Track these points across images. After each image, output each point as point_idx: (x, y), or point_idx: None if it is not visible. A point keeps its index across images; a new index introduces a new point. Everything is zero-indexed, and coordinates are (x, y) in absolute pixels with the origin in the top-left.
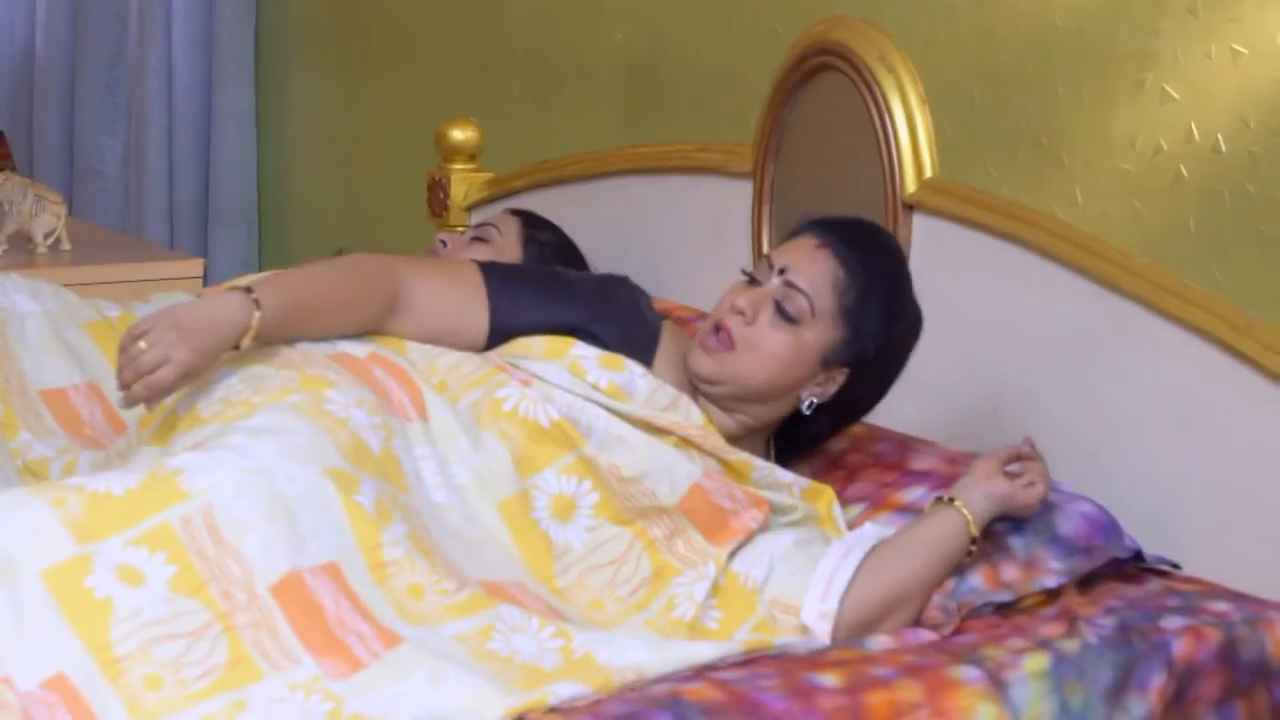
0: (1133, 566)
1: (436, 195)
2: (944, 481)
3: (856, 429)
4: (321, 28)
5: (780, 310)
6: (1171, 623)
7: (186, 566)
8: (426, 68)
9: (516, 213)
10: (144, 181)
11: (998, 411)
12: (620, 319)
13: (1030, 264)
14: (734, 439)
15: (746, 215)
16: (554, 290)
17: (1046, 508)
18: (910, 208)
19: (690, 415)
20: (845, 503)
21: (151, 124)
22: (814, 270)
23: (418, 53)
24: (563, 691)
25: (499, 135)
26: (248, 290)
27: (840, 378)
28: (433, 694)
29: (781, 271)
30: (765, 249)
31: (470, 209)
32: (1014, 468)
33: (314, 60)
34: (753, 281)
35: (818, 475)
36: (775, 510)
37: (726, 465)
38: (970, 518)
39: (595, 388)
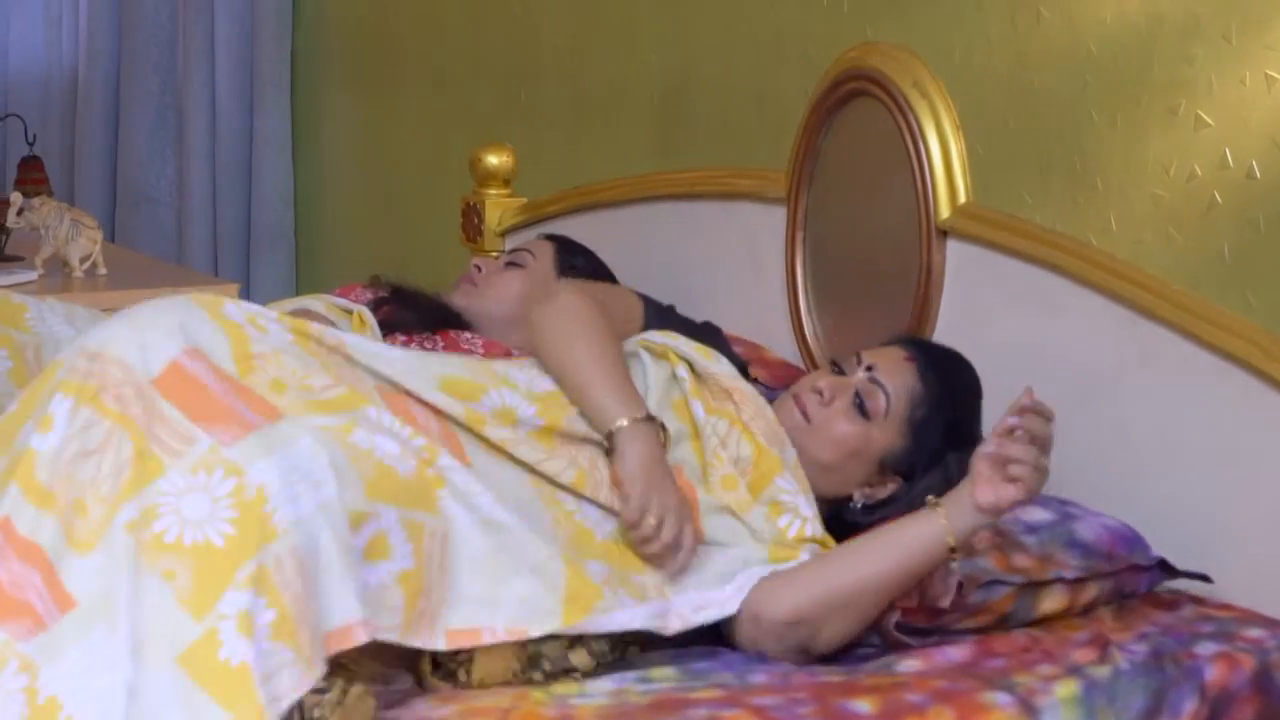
0: (1164, 587)
1: (471, 220)
2: None
3: None
4: (355, 52)
5: (858, 402)
6: (1205, 649)
7: (79, 388)
8: (460, 92)
9: (551, 238)
10: (190, 206)
11: None
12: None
13: (1064, 290)
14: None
15: (780, 241)
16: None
17: (1065, 517)
18: (944, 233)
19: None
20: None
21: (195, 149)
22: (898, 376)
23: (452, 78)
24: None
25: (533, 160)
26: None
27: (892, 485)
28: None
29: (869, 369)
30: (799, 275)
31: (505, 234)
32: (1015, 470)
33: (348, 84)
34: (838, 371)
35: None
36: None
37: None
38: (948, 525)
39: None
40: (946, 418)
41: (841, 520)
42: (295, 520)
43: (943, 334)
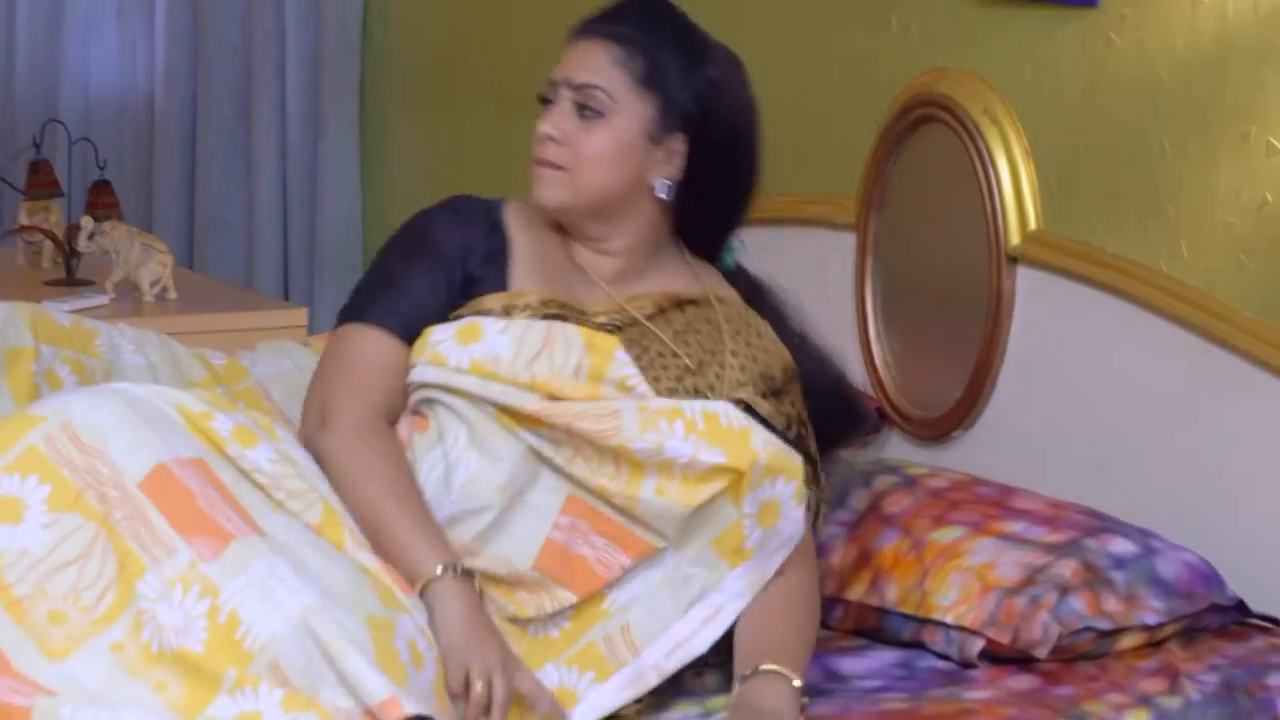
0: (1236, 622)
1: None
2: (1045, 520)
3: (958, 476)
4: (423, 78)
5: (582, 114)
6: (1277, 680)
7: (60, 482)
8: (526, 117)
9: None
10: (259, 230)
11: (1102, 466)
12: (457, 244)
13: (1135, 317)
14: (629, 272)
15: (850, 267)
16: (404, 275)
17: (1148, 551)
18: (1014, 260)
19: (569, 341)
20: (947, 525)
21: (265, 174)
22: (593, 62)
23: (518, 102)
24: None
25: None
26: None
27: (680, 145)
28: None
29: (566, 82)
30: (869, 301)
31: None
32: None
33: (416, 109)
34: (547, 105)
35: (918, 507)
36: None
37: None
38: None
39: (460, 371)
40: (669, 50)
41: (701, 224)
42: (270, 636)
43: (1013, 360)
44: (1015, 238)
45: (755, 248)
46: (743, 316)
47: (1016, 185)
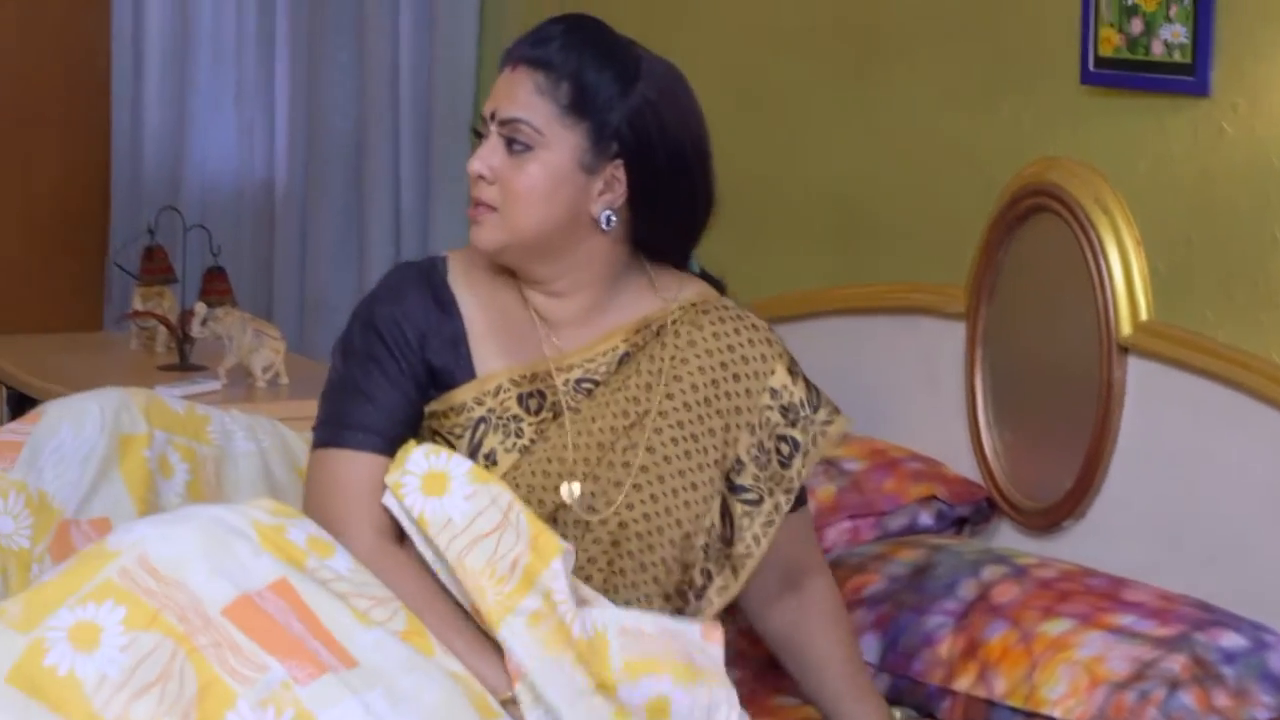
0: None
1: None
2: (1155, 613)
3: (1067, 566)
4: None
5: (511, 149)
6: None
7: (136, 603)
8: None
9: None
10: None
11: (1214, 559)
12: (410, 338)
13: (1247, 408)
14: (589, 311)
15: (960, 356)
16: (368, 386)
17: (1259, 645)
18: (1125, 350)
19: (519, 532)
20: (1056, 617)
21: (377, 259)
22: (517, 93)
23: None
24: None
25: (711, 272)
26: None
27: (618, 172)
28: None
29: (493, 116)
30: (979, 391)
31: None
32: None
33: None
34: (479, 139)
35: (1027, 597)
36: None
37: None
38: None
39: (408, 516)
40: (594, 71)
41: (657, 248)
42: None
43: (1124, 451)
44: (1126, 328)
45: (863, 336)
46: (710, 326)
47: (1128, 275)
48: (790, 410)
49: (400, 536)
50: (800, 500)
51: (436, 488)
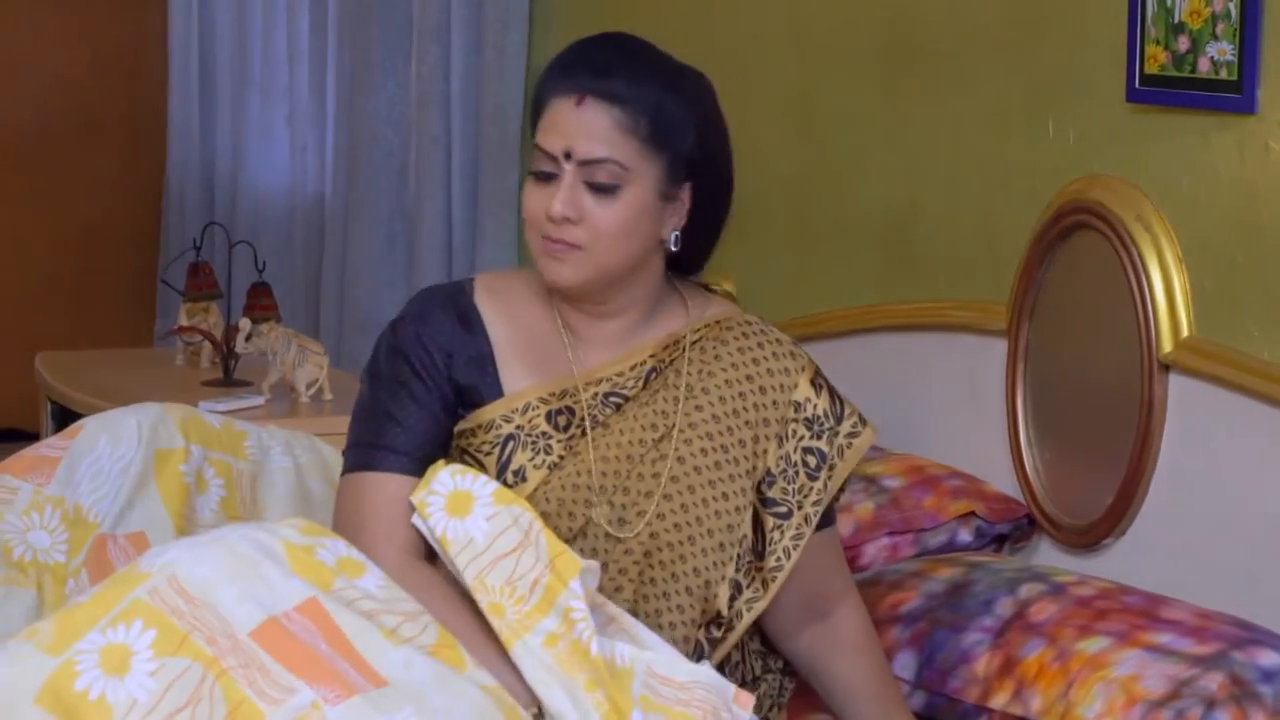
0: None
1: None
2: (1192, 631)
3: (1105, 584)
4: None
5: (595, 188)
6: None
7: (165, 625)
8: None
9: None
10: None
11: (1255, 579)
12: (437, 360)
13: None
14: (627, 330)
15: (1001, 374)
16: (396, 409)
17: None
18: (1166, 367)
19: (539, 552)
20: (1093, 635)
21: (427, 278)
22: (597, 131)
23: None
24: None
25: (760, 290)
26: None
27: (686, 194)
28: None
29: (568, 156)
30: (1020, 408)
31: None
32: None
33: None
34: (547, 178)
35: (1064, 615)
36: None
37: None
38: None
39: (431, 535)
40: (669, 99)
41: (689, 258)
42: None
43: (1164, 468)
44: (1168, 345)
45: (906, 353)
46: (735, 341)
47: (1169, 292)
48: (815, 422)
49: (430, 555)
50: (828, 520)
51: (460, 508)
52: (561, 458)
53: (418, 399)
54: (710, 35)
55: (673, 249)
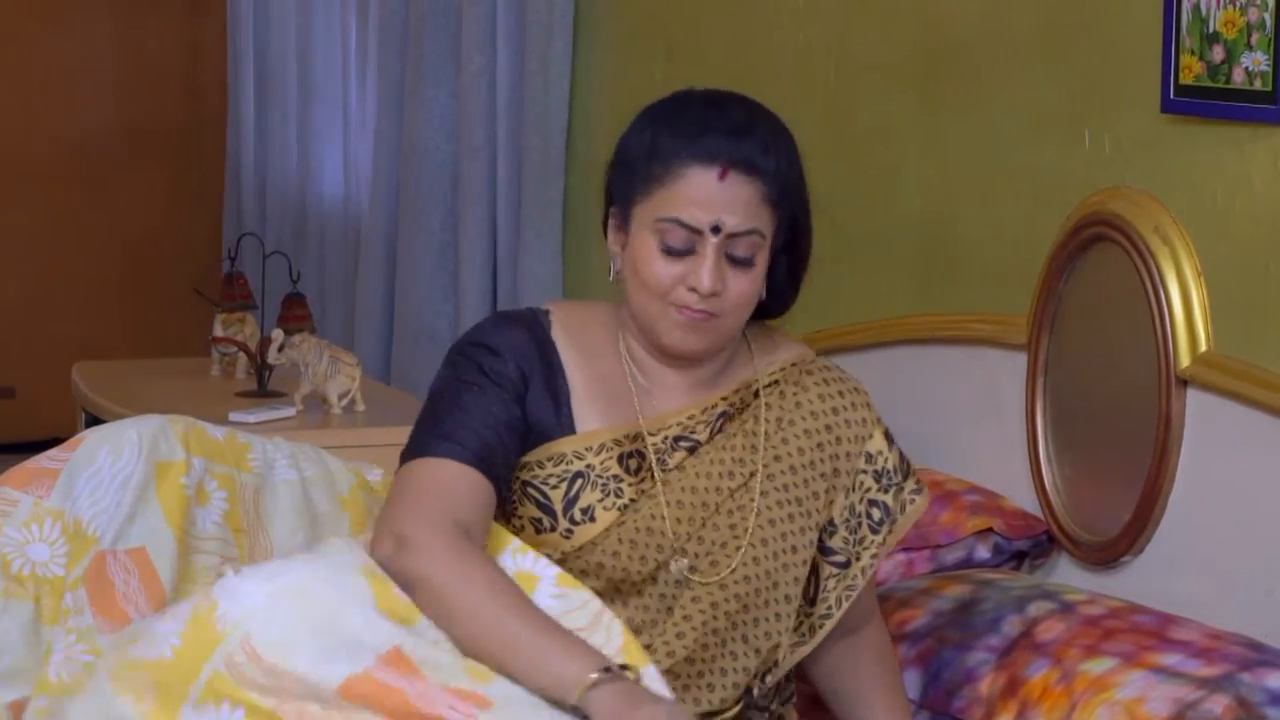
0: None
1: None
2: (1201, 652)
3: (1116, 603)
4: None
5: (735, 261)
6: None
7: (251, 706)
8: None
9: None
10: None
11: (1271, 593)
12: (512, 380)
13: None
14: (703, 378)
15: (1022, 388)
16: (463, 398)
17: None
18: (1184, 382)
19: (610, 633)
20: (1099, 655)
21: (472, 289)
22: (744, 204)
23: None
24: None
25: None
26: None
27: (781, 239)
28: None
29: (716, 230)
30: (1039, 423)
31: None
32: None
33: None
34: (681, 251)
35: (1071, 635)
36: None
37: None
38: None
39: None
40: (787, 161)
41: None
42: None
43: (1182, 487)
44: (1185, 360)
45: (929, 366)
46: (815, 387)
47: (1187, 306)
48: (884, 476)
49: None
50: None
51: (526, 587)
52: (633, 500)
53: (487, 399)
54: (748, 46)
55: (763, 298)
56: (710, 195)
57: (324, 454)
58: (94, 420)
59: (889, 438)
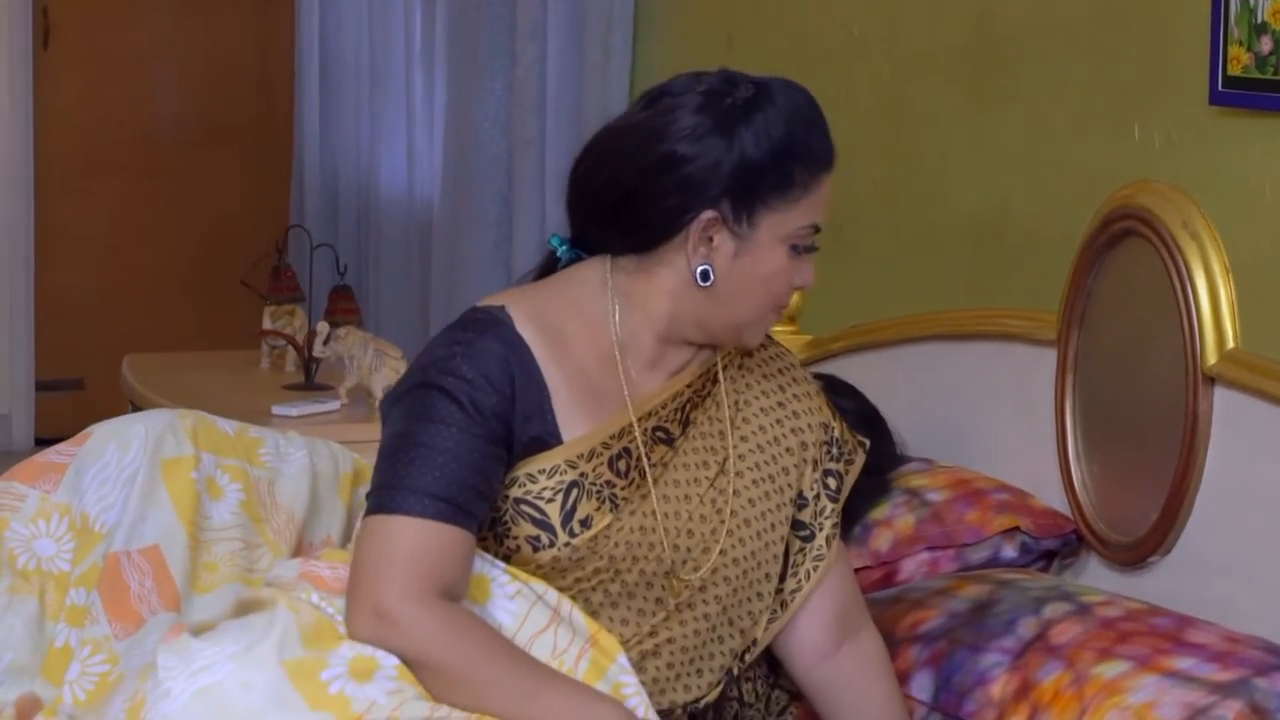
0: None
1: None
2: (1217, 656)
3: (1135, 605)
4: None
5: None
6: None
7: None
8: None
9: (817, 377)
10: None
11: None
12: (489, 404)
13: None
14: (687, 354)
15: (1052, 384)
16: (427, 440)
17: None
18: (1211, 380)
19: (574, 628)
20: (1112, 658)
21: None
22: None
23: None
24: None
25: (850, 294)
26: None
27: (711, 218)
28: None
29: (817, 230)
30: (1069, 421)
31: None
32: None
33: None
34: (806, 252)
35: (1086, 637)
36: None
37: None
38: None
39: None
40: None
41: None
42: None
43: (1210, 486)
44: (1212, 357)
45: (962, 362)
46: (758, 367)
47: (1214, 302)
48: (833, 444)
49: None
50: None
51: (480, 594)
52: (627, 500)
53: (463, 436)
54: (807, 36)
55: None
56: (823, 196)
57: (334, 446)
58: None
59: (830, 406)
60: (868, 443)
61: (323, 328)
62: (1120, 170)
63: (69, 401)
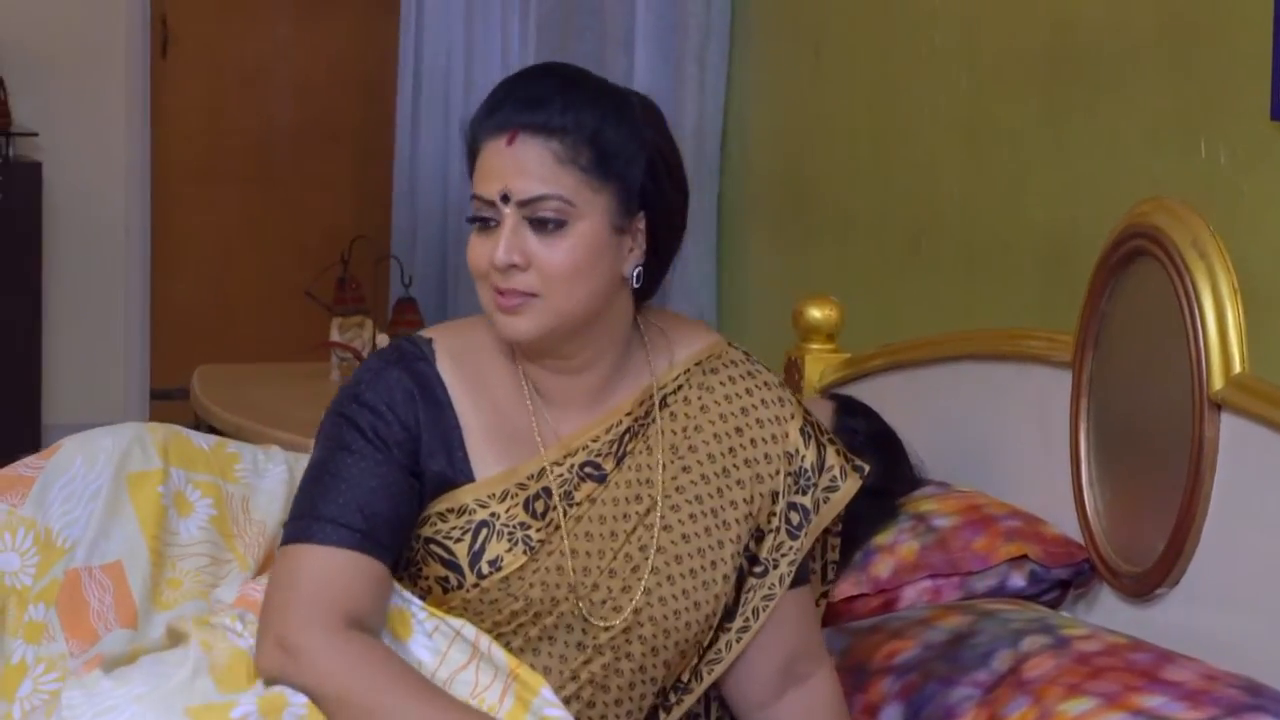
0: None
1: (791, 376)
2: (1189, 695)
3: (1117, 639)
4: (774, 200)
5: (539, 226)
6: None
7: None
8: (869, 240)
9: (832, 397)
10: None
11: None
12: (396, 438)
13: None
14: (600, 389)
15: (1067, 408)
16: (346, 475)
17: None
18: (1217, 406)
19: (495, 665)
20: (1080, 695)
21: None
22: (533, 168)
23: (859, 224)
24: None
25: (927, 306)
26: None
27: (640, 224)
28: None
29: (505, 198)
30: (1082, 445)
31: (825, 390)
32: None
33: (767, 229)
34: (486, 225)
35: (1058, 673)
36: None
37: None
38: None
39: None
40: (608, 125)
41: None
42: None
43: (1215, 515)
44: (1218, 382)
45: (984, 382)
46: (721, 387)
47: (1221, 325)
48: (801, 476)
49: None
50: (801, 578)
51: (402, 630)
52: (540, 543)
53: (371, 466)
54: (891, 47)
55: (635, 285)
56: (501, 164)
57: None
58: (207, 428)
59: (805, 434)
60: (866, 467)
61: (383, 340)
62: (1187, 187)
63: (180, 410)
